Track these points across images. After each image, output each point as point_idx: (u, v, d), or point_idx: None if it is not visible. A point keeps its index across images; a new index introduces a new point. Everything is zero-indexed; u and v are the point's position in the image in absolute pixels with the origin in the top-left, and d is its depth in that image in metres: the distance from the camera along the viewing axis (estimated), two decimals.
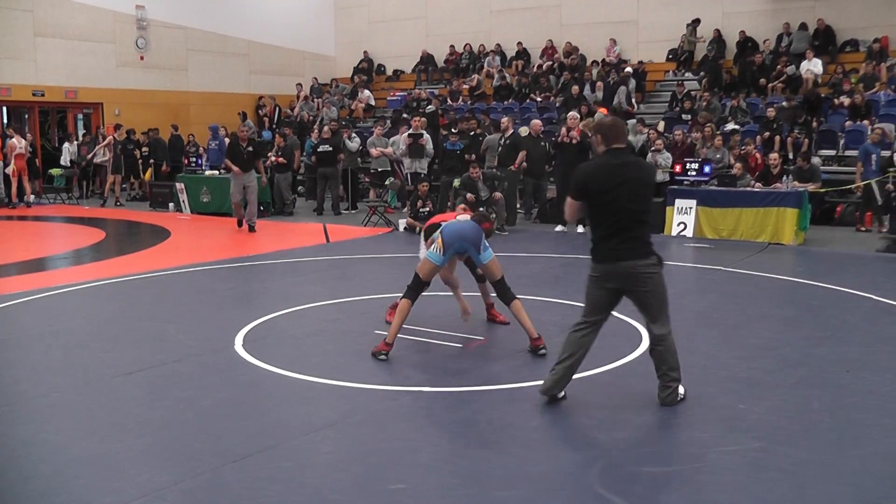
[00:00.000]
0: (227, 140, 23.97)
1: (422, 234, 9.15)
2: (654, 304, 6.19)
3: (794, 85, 21.55)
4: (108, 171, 23.19)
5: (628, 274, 6.06)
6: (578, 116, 17.47)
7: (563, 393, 6.27)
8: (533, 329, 7.71)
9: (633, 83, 23.55)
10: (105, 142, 23.29)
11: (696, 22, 24.70)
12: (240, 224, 16.84)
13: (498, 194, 15.70)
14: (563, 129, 16.21)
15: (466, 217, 8.35)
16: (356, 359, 7.52)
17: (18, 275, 12.14)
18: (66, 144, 24.84)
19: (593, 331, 6.29)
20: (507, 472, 5.05)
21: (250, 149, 16.60)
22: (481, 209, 15.91)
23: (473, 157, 16.54)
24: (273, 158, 20.21)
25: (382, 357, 7.43)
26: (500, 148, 17.20)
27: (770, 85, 21.80)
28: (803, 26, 23.30)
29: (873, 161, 15.95)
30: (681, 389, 6.25)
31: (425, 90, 27.17)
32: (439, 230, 7.86)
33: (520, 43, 27.71)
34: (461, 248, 7.80)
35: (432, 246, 7.78)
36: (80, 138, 24.69)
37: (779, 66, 22.23)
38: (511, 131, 17.36)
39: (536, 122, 17.96)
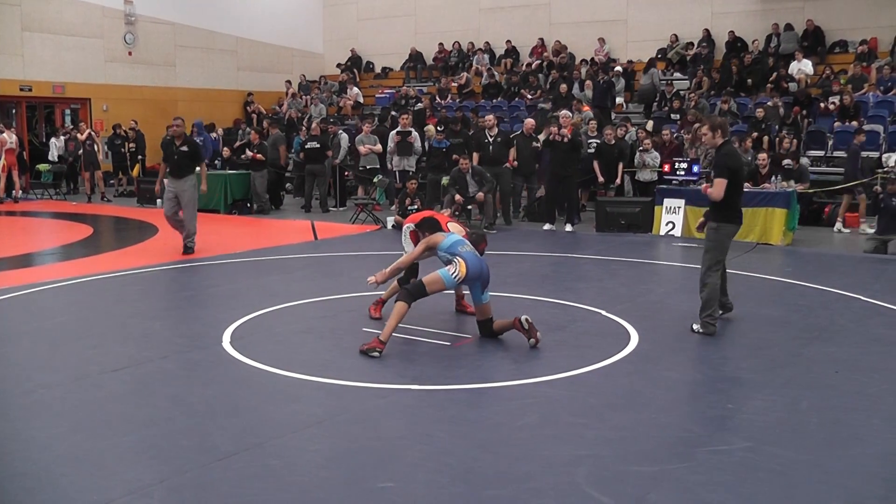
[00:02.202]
0: (213, 136, 23.97)
1: (405, 229, 9.16)
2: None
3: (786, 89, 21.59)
4: (82, 167, 23.14)
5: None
6: (571, 115, 17.47)
7: (721, 312, 8.77)
8: (511, 319, 7.91)
9: (656, 72, 23.72)
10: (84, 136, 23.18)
11: (690, 45, 24.77)
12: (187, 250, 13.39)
13: (481, 195, 15.57)
14: (554, 128, 16.18)
15: (461, 230, 8.46)
16: (344, 356, 7.50)
17: (5, 270, 12.07)
18: (52, 139, 24.70)
19: (723, 270, 8.69)
20: (495, 470, 5.04)
21: (184, 149, 13.27)
22: (469, 207, 16.01)
23: (455, 157, 16.49)
24: (250, 154, 19.92)
25: (375, 354, 7.40)
26: (490, 147, 17.15)
27: (769, 86, 21.77)
28: (792, 27, 23.36)
29: None
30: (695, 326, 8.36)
31: (414, 88, 27.16)
32: (461, 256, 7.85)
33: (509, 41, 27.74)
34: (474, 284, 7.93)
35: (452, 269, 7.76)
36: (69, 133, 24.58)
37: (774, 72, 22.24)
38: (497, 130, 17.32)
39: (529, 121, 17.97)
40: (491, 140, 17.11)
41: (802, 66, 21.77)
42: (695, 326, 8.34)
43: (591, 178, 17.49)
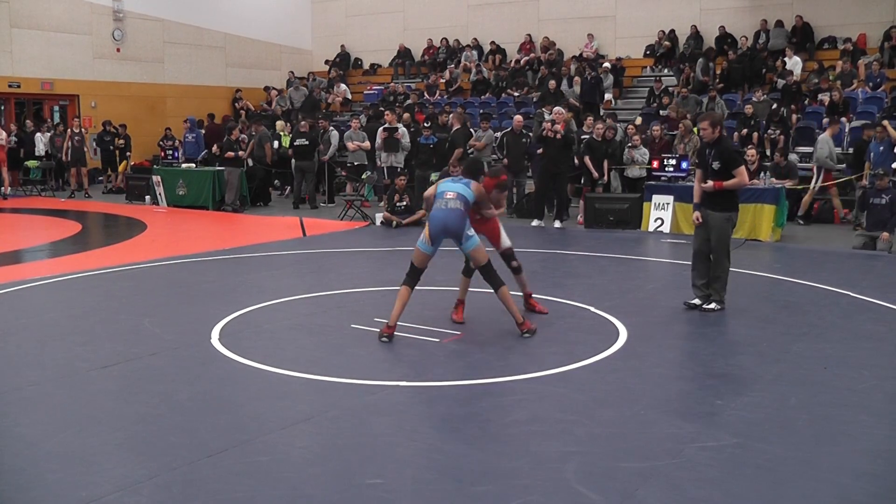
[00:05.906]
0: (203, 133, 23.88)
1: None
2: None
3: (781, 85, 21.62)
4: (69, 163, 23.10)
5: None
6: (564, 111, 17.48)
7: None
8: (519, 314, 7.99)
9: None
10: (67, 135, 23.07)
11: (671, 32, 24.89)
12: None
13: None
14: (547, 124, 16.15)
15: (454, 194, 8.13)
16: (332, 353, 7.50)
17: None
18: (38, 134, 24.46)
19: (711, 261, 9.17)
20: (484, 466, 5.04)
21: None
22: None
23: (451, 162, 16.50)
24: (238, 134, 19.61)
25: (385, 339, 7.72)
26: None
27: (768, 86, 21.75)
28: (781, 23, 23.40)
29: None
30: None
31: (402, 84, 27.12)
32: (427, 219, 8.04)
33: (492, 42, 27.66)
34: (446, 238, 7.98)
35: (420, 236, 8.01)
36: (55, 129, 24.42)
37: (763, 68, 22.26)
38: (457, 126, 17.36)
39: (518, 117, 17.97)
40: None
41: (791, 63, 21.79)
42: (713, 306, 9.01)
43: (580, 174, 17.46)
